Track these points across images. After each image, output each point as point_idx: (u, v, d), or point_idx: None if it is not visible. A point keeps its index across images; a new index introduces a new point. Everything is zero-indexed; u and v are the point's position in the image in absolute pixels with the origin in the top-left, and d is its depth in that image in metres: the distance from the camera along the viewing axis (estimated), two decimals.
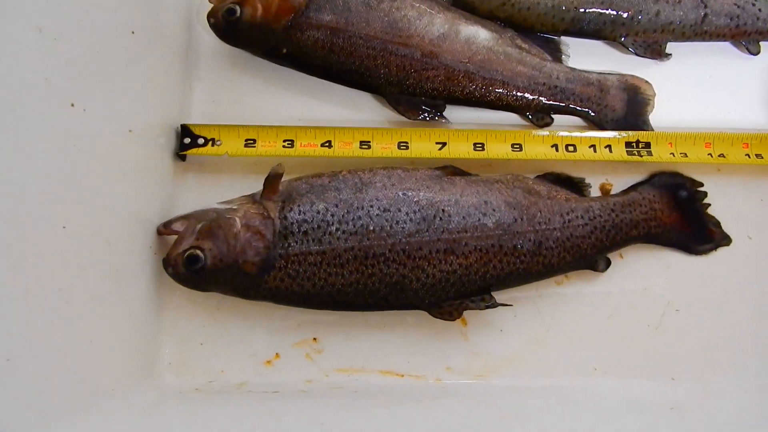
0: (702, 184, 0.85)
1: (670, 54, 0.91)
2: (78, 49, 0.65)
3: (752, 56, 0.92)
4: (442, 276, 0.74)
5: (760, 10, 0.91)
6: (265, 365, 0.80)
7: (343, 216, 0.74)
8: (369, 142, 0.84)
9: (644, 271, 0.84)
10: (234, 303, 0.79)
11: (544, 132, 0.86)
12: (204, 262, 0.72)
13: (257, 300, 0.76)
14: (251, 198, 0.78)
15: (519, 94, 0.87)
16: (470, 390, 0.78)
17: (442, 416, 0.74)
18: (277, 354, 0.80)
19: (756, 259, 0.84)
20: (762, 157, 0.86)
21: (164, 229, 0.76)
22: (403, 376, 0.79)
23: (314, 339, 0.80)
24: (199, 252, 0.72)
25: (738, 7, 0.91)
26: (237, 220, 0.74)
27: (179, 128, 0.85)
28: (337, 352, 0.80)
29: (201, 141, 0.84)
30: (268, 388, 0.77)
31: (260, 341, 0.80)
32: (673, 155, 0.85)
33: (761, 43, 0.92)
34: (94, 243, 0.67)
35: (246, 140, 0.84)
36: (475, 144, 0.85)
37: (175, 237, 0.75)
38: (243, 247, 0.73)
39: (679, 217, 0.84)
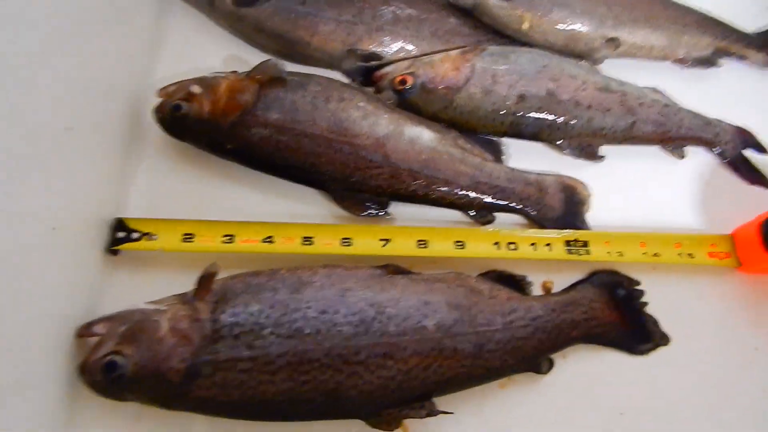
0: (639, 283, 0.86)
1: (603, 156, 0.96)
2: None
3: (679, 160, 0.98)
4: (380, 382, 0.71)
5: (682, 119, 0.98)
6: None
7: (278, 318, 0.71)
8: (311, 238, 0.84)
9: (587, 371, 0.83)
10: (156, 413, 0.72)
11: (486, 230, 0.88)
12: (124, 370, 0.68)
13: (180, 410, 0.71)
14: (183, 298, 0.74)
15: (461, 192, 0.89)
16: None
17: None
18: None
19: (694, 359, 0.84)
20: (693, 257, 0.88)
21: (85, 331, 0.72)
22: None
23: None
24: (119, 358, 0.68)
25: (662, 116, 0.98)
26: (163, 322, 0.70)
27: (114, 222, 0.82)
28: None
29: (135, 235, 0.82)
30: None
31: None
32: (610, 254, 0.87)
33: (686, 148, 0.98)
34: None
35: (184, 235, 0.82)
36: (418, 241, 0.85)
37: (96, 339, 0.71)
38: (168, 353, 0.69)
39: (618, 315, 0.84)
